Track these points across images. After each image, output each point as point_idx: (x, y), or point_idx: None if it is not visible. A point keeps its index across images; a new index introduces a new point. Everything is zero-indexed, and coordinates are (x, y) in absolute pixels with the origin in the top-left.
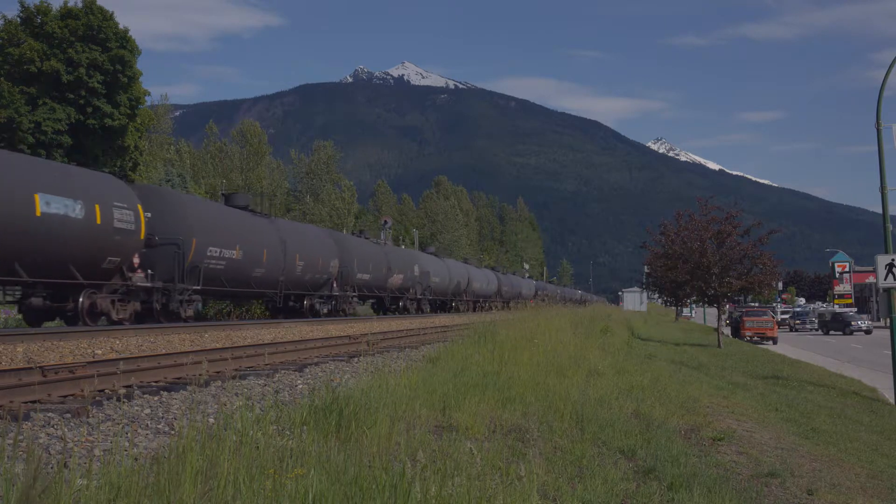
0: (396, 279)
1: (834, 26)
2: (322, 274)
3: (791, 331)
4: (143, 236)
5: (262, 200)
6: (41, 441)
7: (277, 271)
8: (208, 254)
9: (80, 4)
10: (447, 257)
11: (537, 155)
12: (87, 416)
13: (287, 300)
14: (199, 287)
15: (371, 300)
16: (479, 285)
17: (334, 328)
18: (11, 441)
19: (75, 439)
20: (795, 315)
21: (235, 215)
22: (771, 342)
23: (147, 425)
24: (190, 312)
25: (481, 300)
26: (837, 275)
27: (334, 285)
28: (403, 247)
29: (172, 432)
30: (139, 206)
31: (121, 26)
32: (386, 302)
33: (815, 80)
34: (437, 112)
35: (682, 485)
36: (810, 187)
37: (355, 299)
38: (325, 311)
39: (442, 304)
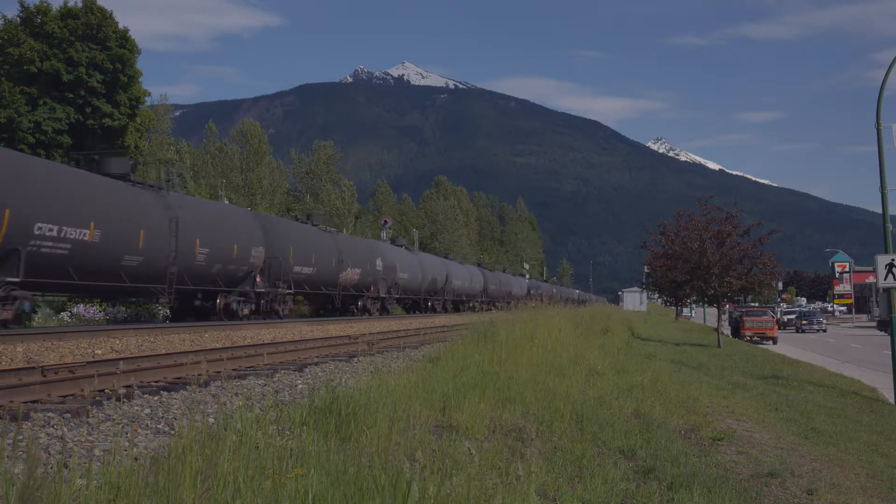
0: (351, 274)
1: (834, 26)
2: (239, 265)
3: (798, 332)
4: None
5: (158, 170)
6: (41, 441)
7: (163, 260)
8: (36, 232)
9: (79, 4)
10: (422, 251)
11: (537, 155)
12: (87, 416)
13: (192, 298)
14: (18, 279)
15: (320, 299)
16: (461, 283)
17: (334, 328)
18: (11, 441)
19: (75, 439)
20: (803, 315)
21: (92, 183)
22: (771, 342)
23: (147, 425)
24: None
25: (465, 300)
26: (837, 275)
27: (258, 280)
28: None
29: (172, 432)
30: None
31: (120, 26)
32: (336, 301)
33: (815, 80)
34: (437, 112)
35: (682, 485)
36: (810, 187)
37: (291, 297)
38: (246, 311)
39: (415, 304)
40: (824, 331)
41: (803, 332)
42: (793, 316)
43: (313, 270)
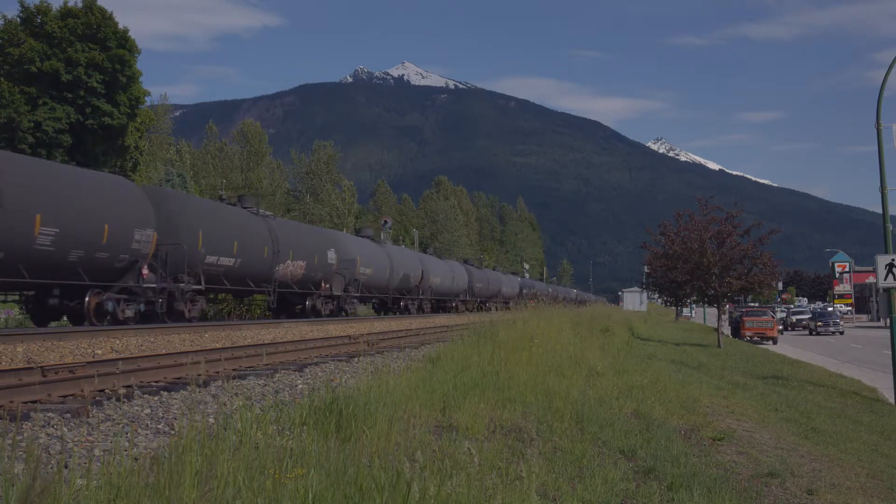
0: (293, 268)
1: (834, 26)
2: (114, 252)
3: (812, 334)
4: None
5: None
6: (41, 441)
7: None
8: None
9: (79, 4)
10: (395, 244)
11: (537, 155)
12: (87, 416)
13: (47, 296)
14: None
15: (253, 296)
16: (441, 281)
17: (334, 328)
18: (11, 441)
19: (75, 439)
20: (818, 315)
21: None
22: (771, 342)
23: (147, 425)
24: None
25: (446, 299)
26: (837, 275)
27: (144, 272)
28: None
29: (172, 432)
30: None
31: (120, 26)
32: (271, 300)
33: (815, 80)
34: (437, 112)
35: (682, 485)
36: (810, 187)
37: (203, 295)
38: (130, 313)
39: (383, 304)
40: (841, 333)
41: (818, 334)
42: (805, 316)
43: (235, 262)
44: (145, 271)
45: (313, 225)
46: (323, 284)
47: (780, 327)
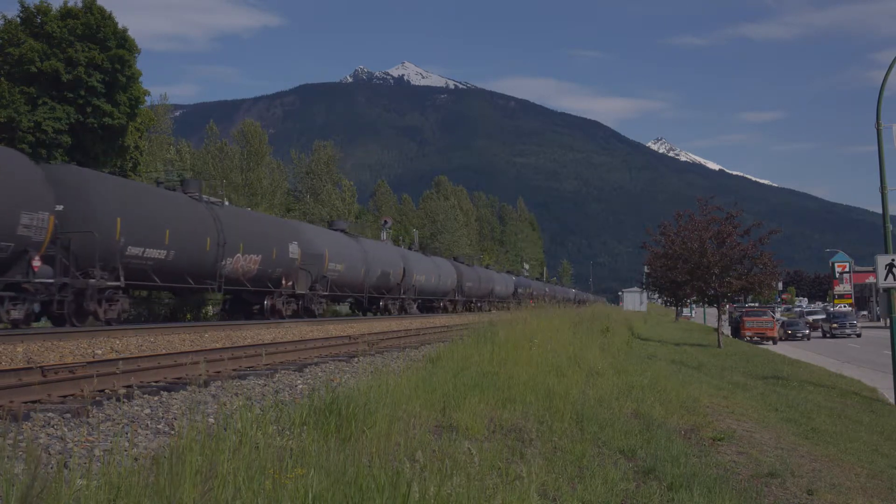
0: (244, 263)
1: (833, 26)
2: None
3: (827, 337)
4: None
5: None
6: (41, 441)
7: None
8: None
9: (79, 4)
10: (373, 239)
11: (537, 155)
12: (87, 416)
13: None
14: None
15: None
16: (426, 279)
17: (334, 328)
18: (11, 441)
19: (75, 439)
20: (833, 317)
21: None
22: (771, 342)
23: (147, 425)
24: None
25: (433, 299)
26: (837, 275)
27: (35, 265)
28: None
29: (172, 432)
30: None
31: (120, 26)
32: (208, 298)
33: (815, 81)
34: (437, 112)
35: (682, 485)
36: (810, 187)
37: (124, 293)
38: (18, 314)
39: (359, 303)
40: (858, 335)
41: (833, 336)
42: (819, 317)
43: (167, 254)
44: (37, 263)
45: (311, 222)
46: (284, 282)
47: (781, 330)
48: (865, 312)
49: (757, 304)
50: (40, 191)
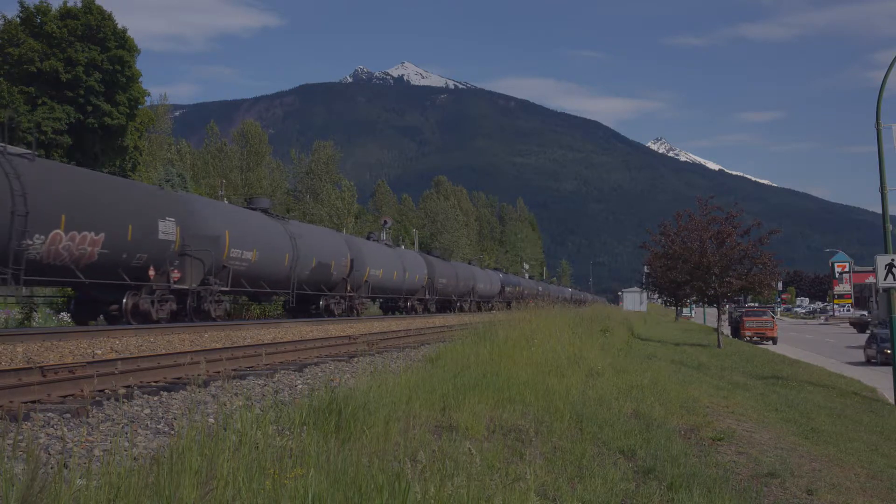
0: (72, 244)
1: (832, 27)
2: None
3: (870, 363)
4: None
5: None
6: (41, 441)
7: None
8: None
9: (79, 5)
10: (310, 223)
11: (537, 155)
12: (87, 416)
13: None
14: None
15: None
16: (384, 273)
17: (334, 328)
18: (11, 441)
19: (75, 439)
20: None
21: None
22: (770, 342)
23: (147, 425)
24: None
25: (396, 297)
26: (837, 275)
27: None
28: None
29: (172, 432)
30: None
31: (119, 26)
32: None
33: (814, 81)
34: (437, 112)
35: (682, 485)
36: (810, 187)
37: None
38: None
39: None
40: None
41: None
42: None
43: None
44: None
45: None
46: (152, 273)
47: (873, 350)
48: (865, 313)
49: (757, 305)
50: None
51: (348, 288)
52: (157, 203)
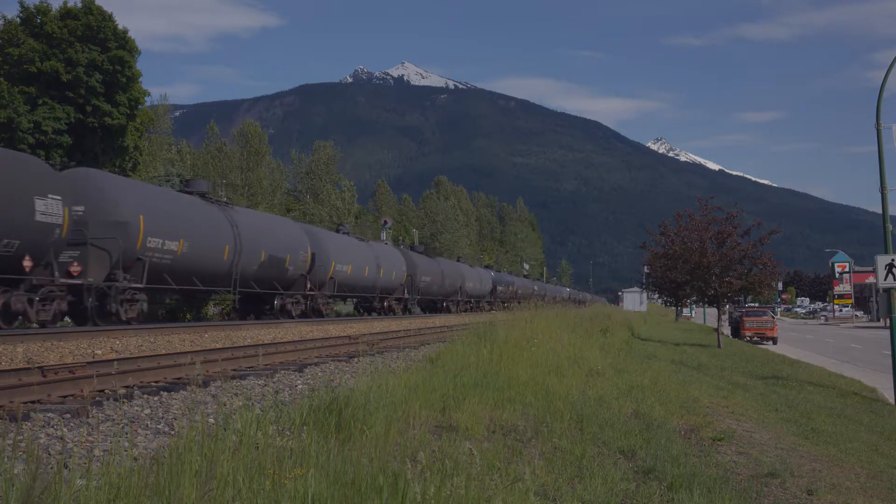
0: None
1: (832, 27)
2: None
3: None
4: None
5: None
6: (41, 441)
7: None
8: None
9: (79, 5)
10: (261, 211)
11: (537, 155)
12: (87, 417)
13: None
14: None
15: None
16: (352, 270)
17: (334, 328)
18: (11, 441)
19: (75, 439)
20: None
21: None
22: (771, 342)
23: (147, 425)
24: None
25: (369, 296)
26: (837, 275)
27: None
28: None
29: (172, 432)
30: None
31: (119, 27)
32: None
33: (814, 81)
34: (437, 112)
35: (682, 485)
36: (810, 187)
37: None
38: None
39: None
40: None
41: None
42: None
43: None
44: None
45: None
46: (27, 262)
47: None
48: (866, 316)
49: (757, 305)
50: None
51: (308, 286)
52: (33, 177)
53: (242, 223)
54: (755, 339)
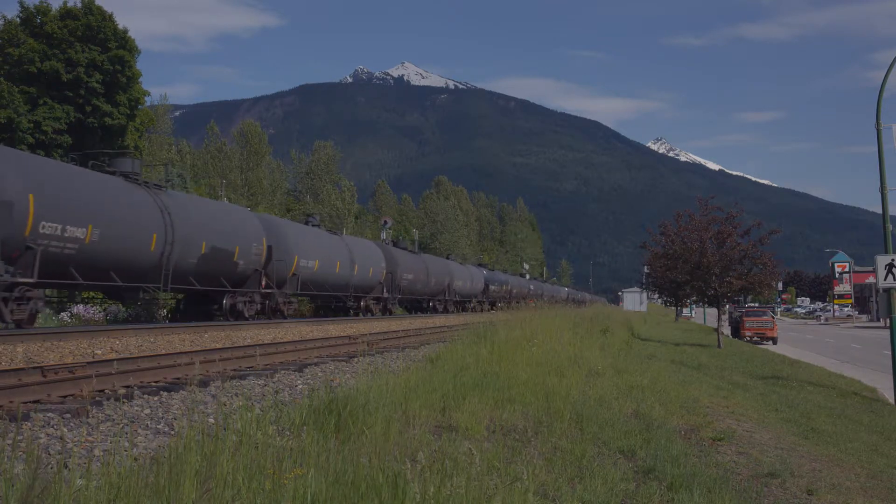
0: None
1: (832, 27)
2: None
3: None
4: None
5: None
6: (41, 441)
7: None
8: None
9: (79, 5)
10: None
11: (537, 155)
12: (87, 417)
13: None
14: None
15: None
16: (323, 266)
17: (334, 328)
18: (11, 441)
19: (75, 439)
20: None
21: None
22: (770, 342)
23: (147, 425)
24: None
25: (344, 297)
26: (837, 275)
27: None
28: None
29: (172, 432)
30: None
31: (119, 26)
32: None
33: (814, 81)
34: (437, 112)
35: (682, 485)
36: (810, 187)
37: None
38: None
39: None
40: None
41: None
42: None
43: None
44: None
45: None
46: None
47: None
48: (866, 315)
49: (757, 305)
50: None
51: (263, 283)
52: None
53: (177, 209)
54: (755, 339)
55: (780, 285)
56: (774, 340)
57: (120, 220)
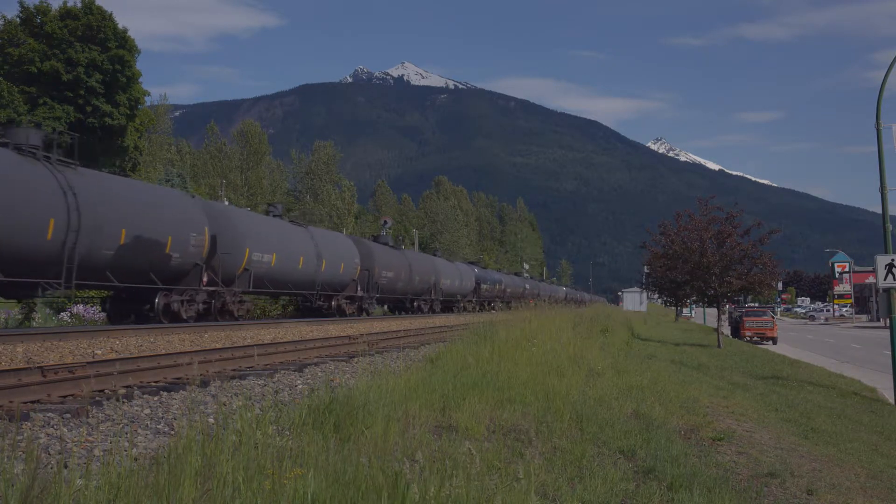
0: None
1: (832, 27)
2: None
3: None
4: None
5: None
6: (41, 441)
7: None
8: None
9: (79, 5)
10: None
11: (537, 155)
12: (87, 416)
13: None
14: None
15: None
16: (281, 261)
17: (334, 328)
18: (11, 441)
19: (75, 439)
20: None
21: None
22: (770, 342)
23: (147, 425)
24: None
25: (317, 296)
26: (837, 275)
27: None
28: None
29: (172, 432)
30: None
31: (119, 26)
32: None
33: (814, 81)
34: (437, 112)
35: (682, 485)
36: (810, 187)
37: None
38: None
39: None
40: None
41: None
42: None
43: None
44: None
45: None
46: None
47: None
48: (866, 315)
49: (756, 305)
50: None
51: (205, 280)
52: None
53: (85, 189)
54: (755, 339)
55: (780, 285)
56: (774, 340)
57: (3, 202)
